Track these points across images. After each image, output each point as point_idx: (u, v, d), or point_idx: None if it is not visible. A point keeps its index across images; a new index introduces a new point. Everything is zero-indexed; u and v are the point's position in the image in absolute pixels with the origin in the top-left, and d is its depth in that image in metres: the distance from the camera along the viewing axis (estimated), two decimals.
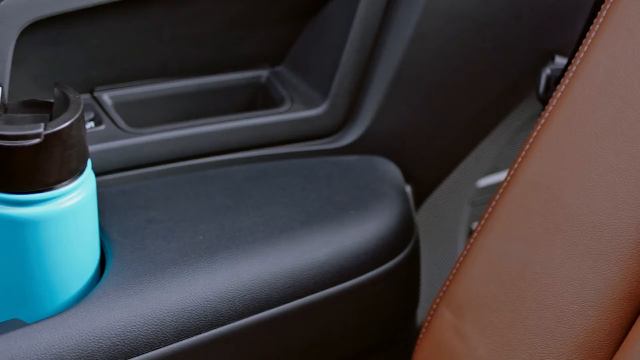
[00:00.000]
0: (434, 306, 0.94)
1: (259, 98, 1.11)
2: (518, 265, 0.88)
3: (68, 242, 0.85)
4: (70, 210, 0.84)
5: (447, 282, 0.94)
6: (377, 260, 0.97)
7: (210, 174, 1.02)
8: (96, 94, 1.03)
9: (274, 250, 0.92)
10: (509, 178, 0.91)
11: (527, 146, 0.90)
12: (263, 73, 1.11)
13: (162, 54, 1.04)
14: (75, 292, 0.88)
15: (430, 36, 1.05)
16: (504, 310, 0.88)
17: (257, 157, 1.05)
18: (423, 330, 0.95)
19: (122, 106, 1.04)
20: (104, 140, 0.98)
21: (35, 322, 0.83)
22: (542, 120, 0.90)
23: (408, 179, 1.10)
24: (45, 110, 0.84)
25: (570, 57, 0.96)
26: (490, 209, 0.91)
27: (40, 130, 0.79)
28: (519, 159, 0.91)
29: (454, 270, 0.93)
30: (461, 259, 0.93)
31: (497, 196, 0.91)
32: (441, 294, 0.94)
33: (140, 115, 1.04)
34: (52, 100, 0.85)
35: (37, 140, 0.79)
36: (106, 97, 1.04)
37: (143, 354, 0.86)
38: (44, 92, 0.98)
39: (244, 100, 1.11)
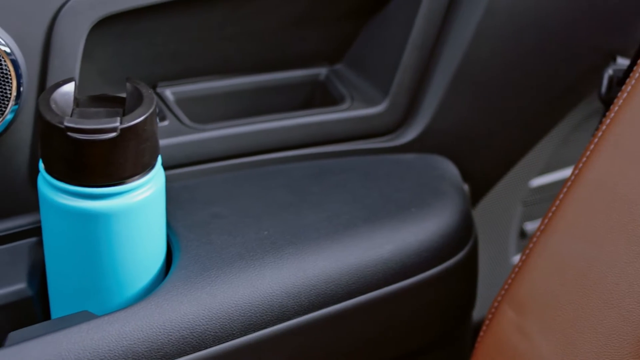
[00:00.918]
0: (495, 304, 0.95)
1: (317, 96, 1.12)
2: (583, 264, 0.88)
3: (138, 235, 0.86)
4: (141, 204, 0.85)
5: (509, 281, 0.94)
6: (439, 258, 0.98)
7: (271, 171, 1.02)
8: (159, 90, 1.04)
9: (338, 246, 0.93)
10: (573, 177, 0.91)
11: (592, 146, 0.91)
12: (322, 71, 1.12)
13: (223, 51, 1.05)
14: (143, 286, 0.89)
15: (491, 35, 1.05)
16: (568, 309, 0.88)
17: (317, 155, 1.06)
18: (484, 328, 0.95)
19: (183, 102, 1.05)
20: (167, 135, 0.99)
21: (106, 314, 0.84)
22: (607, 120, 0.90)
23: (465, 177, 1.10)
24: (116, 104, 0.85)
25: (635, 58, 0.96)
26: (553, 208, 0.92)
27: (117, 124, 0.80)
28: (584, 159, 0.91)
29: (516, 269, 0.94)
30: (523, 257, 0.93)
31: (561, 195, 0.92)
32: (502, 292, 0.94)
33: (200, 111, 1.05)
34: (122, 95, 0.86)
35: (113, 134, 0.80)
36: (168, 93, 1.05)
37: (211, 347, 0.86)
38: (109, 87, 1.00)
39: (302, 98, 1.12)
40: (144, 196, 0.84)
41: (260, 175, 1.01)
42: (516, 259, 1.30)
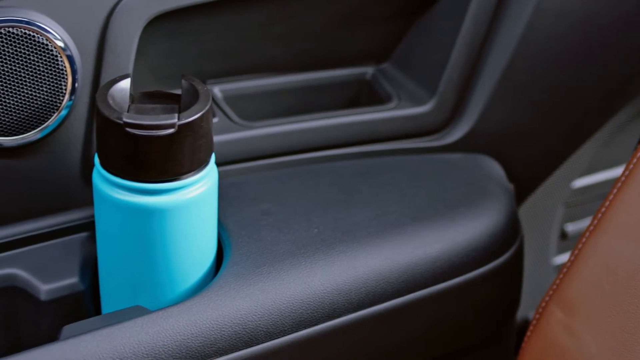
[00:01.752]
0: (543, 304, 0.95)
1: (363, 94, 1.12)
2: (633, 265, 0.88)
3: (192, 231, 0.86)
4: (196, 200, 0.85)
5: (557, 281, 0.94)
6: (486, 258, 0.98)
7: (318, 169, 1.03)
8: (207, 87, 1.04)
9: (388, 244, 0.93)
10: (623, 178, 0.91)
11: None
12: (368, 70, 1.12)
13: (271, 49, 1.05)
14: (195, 281, 0.89)
15: (540, 34, 1.05)
16: (618, 310, 0.88)
17: (364, 153, 1.06)
18: (531, 327, 0.95)
19: (231, 99, 1.05)
20: (217, 132, 1.00)
21: (161, 310, 0.84)
22: None
23: (510, 178, 1.10)
24: (171, 101, 0.86)
25: None
26: (603, 209, 0.92)
27: (175, 120, 0.80)
28: (635, 160, 0.91)
29: (565, 269, 0.94)
30: (572, 257, 0.93)
31: (611, 196, 0.91)
32: (550, 292, 0.94)
33: (248, 108, 1.06)
34: (175, 92, 0.86)
35: (171, 130, 0.80)
36: (217, 90, 1.05)
37: (263, 343, 0.87)
38: (158, 83, 1.00)
39: (348, 97, 1.12)
40: (198, 192, 0.85)
41: (308, 173, 1.02)
42: (557, 259, 1.30)
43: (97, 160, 0.85)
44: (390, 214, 0.96)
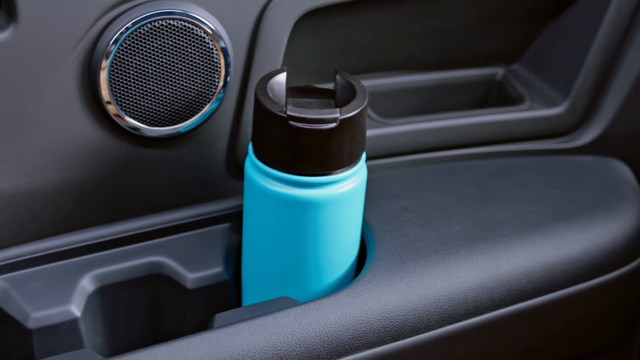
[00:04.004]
0: None
1: (493, 95, 1.13)
2: None
3: (341, 225, 0.88)
4: (348, 195, 0.86)
5: None
6: (623, 260, 0.98)
7: (453, 167, 1.04)
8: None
9: (529, 243, 0.94)
10: None
11: None
12: (498, 70, 1.12)
13: (408, 47, 1.06)
14: (340, 275, 0.90)
15: None
16: None
17: (496, 153, 1.07)
18: None
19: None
20: None
21: (311, 301, 0.86)
22: None
23: None
24: (324, 96, 0.87)
25: None
26: None
27: (337, 115, 0.81)
28: None
29: None
30: None
31: None
32: None
33: (382, 105, 1.07)
34: (325, 87, 0.88)
35: (333, 125, 0.81)
36: None
37: (408, 337, 0.88)
38: (298, 78, 1.01)
39: (477, 96, 1.13)
40: (350, 187, 0.86)
41: (445, 171, 1.03)
42: None
43: (251, 152, 0.87)
44: (529, 214, 0.97)
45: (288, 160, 0.83)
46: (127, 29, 0.85)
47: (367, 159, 1.02)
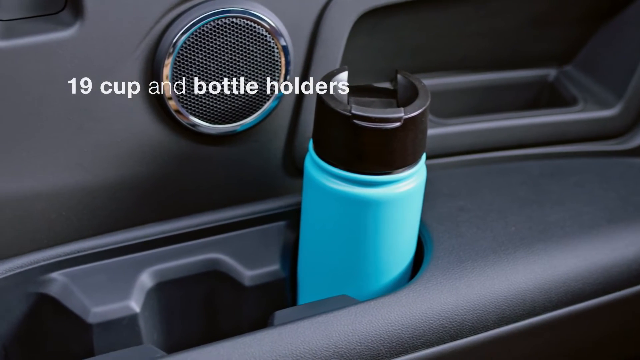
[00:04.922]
0: None
1: (544, 96, 1.13)
2: None
3: (400, 224, 0.88)
4: (408, 194, 0.86)
5: None
6: None
7: (507, 167, 1.04)
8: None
9: (585, 244, 0.94)
10: None
11: None
12: (551, 72, 1.12)
13: (462, 48, 1.06)
14: (397, 274, 0.91)
15: None
16: None
17: (549, 154, 1.07)
18: None
19: None
20: None
21: (372, 300, 0.86)
22: None
23: None
24: (385, 95, 0.87)
25: None
26: None
27: (401, 114, 0.82)
28: None
29: None
30: None
31: None
32: None
33: (436, 105, 1.07)
34: (384, 86, 0.88)
35: (397, 124, 0.82)
36: None
37: (467, 337, 0.88)
38: (352, 77, 1.01)
39: (528, 97, 1.13)
40: (411, 186, 0.86)
41: (499, 171, 1.03)
42: None
43: (312, 150, 0.87)
44: (584, 215, 0.97)
45: (350, 159, 0.84)
46: (190, 26, 0.85)
47: None
